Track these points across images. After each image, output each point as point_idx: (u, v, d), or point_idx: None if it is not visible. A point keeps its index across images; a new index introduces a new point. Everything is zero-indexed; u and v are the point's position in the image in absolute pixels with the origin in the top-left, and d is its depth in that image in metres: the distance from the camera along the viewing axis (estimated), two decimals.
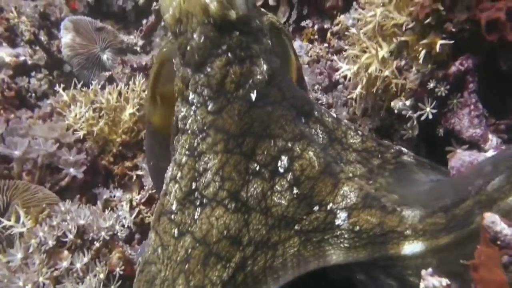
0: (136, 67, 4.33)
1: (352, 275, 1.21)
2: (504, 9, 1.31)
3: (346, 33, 2.34)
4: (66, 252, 1.71)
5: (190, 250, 1.08)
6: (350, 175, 1.17)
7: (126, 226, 2.17)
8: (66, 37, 4.52)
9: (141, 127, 2.87)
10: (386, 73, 1.74)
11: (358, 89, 1.84)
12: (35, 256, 1.66)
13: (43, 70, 4.22)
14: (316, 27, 3.18)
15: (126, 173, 2.74)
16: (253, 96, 1.11)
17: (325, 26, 3.18)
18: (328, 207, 1.11)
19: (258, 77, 1.12)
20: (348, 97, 2.02)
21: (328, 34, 3.08)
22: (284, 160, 1.11)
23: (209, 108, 1.12)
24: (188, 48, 1.12)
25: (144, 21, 5.09)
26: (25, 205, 2.14)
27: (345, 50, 2.65)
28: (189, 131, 1.15)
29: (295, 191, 1.10)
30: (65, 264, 1.65)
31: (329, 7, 3.14)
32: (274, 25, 1.34)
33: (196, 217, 1.10)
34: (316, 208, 1.11)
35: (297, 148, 1.12)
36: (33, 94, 3.84)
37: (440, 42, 1.43)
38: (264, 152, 1.11)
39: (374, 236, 1.09)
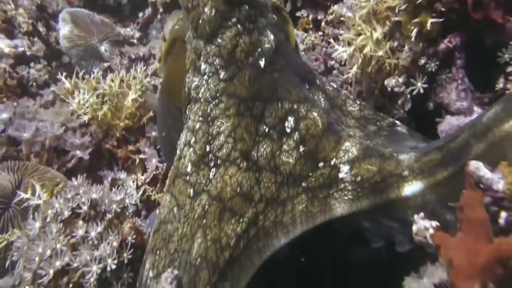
0: (134, 58, 4.42)
1: (358, 225, 1.30)
2: None
3: (342, 18, 2.46)
4: (81, 222, 1.80)
5: (206, 207, 1.18)
6: (351, 133, 1.27)
7: (133, 203, 2.28)
8: (64, 29, 4.57)
9: (143, 113, 2.96)
10: (380, 53, 1.86)
11: (354, 69, 1.96)
12: (52, 225, 1.75)
13: (42, 61, 4.30)
14: (310, 17, 3.29)
15: (129, 157, 2.84)
16: (262, 63, 1.21)
17: (319, 17, 3.30)
18: (332, 163, 1.19)
19: (266, 45, 1.22)
20: (345, 77, 2.14)
21: (323, 23, 3.20)
22: (290, 121, 1.20)
23: (221, 76, 1.21)
24: (200, 21, 1.21)
25: (140, 14, 5.17)
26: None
27: (341, 35, 2.78)
28: (202, 99, 1.24)
29: (301, 149, 1.19)
30: (80, 232, 1.74)
31: None
32: (275, 4, 1.44)
33: (211, 177, 1.20)
34: (321, 164, 1.19)
35: (302, 110, 1.21)
36: (34, 83, 3.92)
37: (430, 20, 1.55)
38: (272, 114, 1.20)
39: (375, 184, 1.17)
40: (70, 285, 1.68)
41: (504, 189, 1.01)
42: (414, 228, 1.08)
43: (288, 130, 1.21)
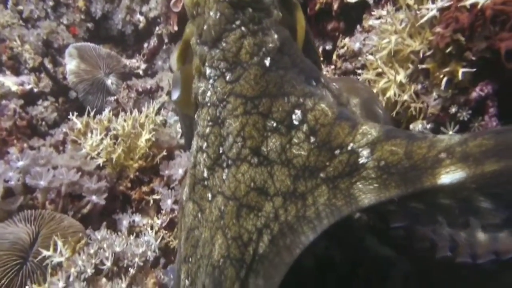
0: (142, 91, 4.42)
1: (384, 208, 1.20)
2: None
3: (360, 58, 2.45)
4: (104, 279, 1.75)
5: (222, 207, 1.15)
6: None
7: (152, 251, 2.23)
8: (71, 64, 4.59)
9: (156, 152, 2.94)
10: (405, 97, 1.84)
11: None
12: (76, 284, 1.70)
13: (49, 98, 4.28)
14: (320, 48, 3.29)
15: (143, 198, 2.79)
16: (267, 62, 1.19)
17: (327, 48, 3.30)
18: (349, 147, 1.09)
19: (270, 45, 1.21)
20: None
21: (334, 57, 3.19)
22: (297, 114, 1.17)
23: (227, 78, 1.20)
24: (205, 26, 1.22)
25: (145, 45, 5.19)
26: (52, 234, 2.19)
27: (353, 72, 2.77)
28: (209, 103, 1.23)
29: (312, 140, 1.14)
30: None
31: (331, 29, 3.27)
32: None
33: (224, 177, 1.18)
34: (337, 151, 1.10)
35: (309, 103, 1.17)
36: (43, 122, 3.89)
37: (462, 70, 1.53)
38: (279, 109, 1.17)
39: (404, 170, 1.02)
40: None
41: None
42: None
43: (296, 123, 1.17)
